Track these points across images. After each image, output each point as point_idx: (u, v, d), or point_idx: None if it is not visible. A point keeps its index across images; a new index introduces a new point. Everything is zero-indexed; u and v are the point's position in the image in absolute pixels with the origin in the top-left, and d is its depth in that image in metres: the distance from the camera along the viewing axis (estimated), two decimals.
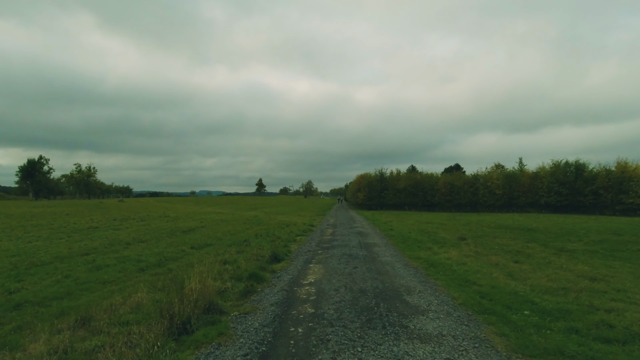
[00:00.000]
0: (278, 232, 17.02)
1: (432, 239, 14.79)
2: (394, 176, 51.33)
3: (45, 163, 78.63)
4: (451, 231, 17.96)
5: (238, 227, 19.97)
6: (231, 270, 8.52)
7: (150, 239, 14.95)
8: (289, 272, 8.33)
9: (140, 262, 9.86)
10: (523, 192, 43.94)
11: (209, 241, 14.08)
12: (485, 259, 10.30)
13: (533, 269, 8.90)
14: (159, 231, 17.61)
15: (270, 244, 12.71)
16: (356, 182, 57.76)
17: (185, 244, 13.20)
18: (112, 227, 19.69)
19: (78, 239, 14.76)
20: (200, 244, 13.40)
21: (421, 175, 50.45)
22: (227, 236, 15.80)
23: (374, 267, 8.86)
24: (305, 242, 13.62)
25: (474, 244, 13.13)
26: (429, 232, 17.16)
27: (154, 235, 16.15)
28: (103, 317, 5.22)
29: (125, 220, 24.15)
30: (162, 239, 14.89)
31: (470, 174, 48.39)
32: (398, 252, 11.32)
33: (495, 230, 18.37)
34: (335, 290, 6.66)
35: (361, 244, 13.12)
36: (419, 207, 49.02)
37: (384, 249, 12.05)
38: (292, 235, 15.38)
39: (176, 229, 18.82)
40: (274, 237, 14.74)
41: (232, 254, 10.93)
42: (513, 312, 5.48)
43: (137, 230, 18.30)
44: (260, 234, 16.25)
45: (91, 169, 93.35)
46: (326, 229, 18.78)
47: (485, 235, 16.00)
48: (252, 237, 15.19)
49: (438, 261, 9.64)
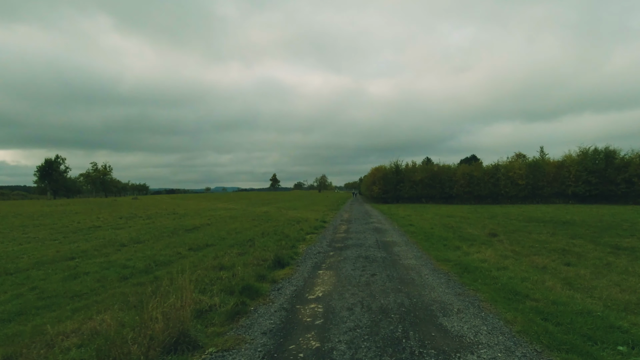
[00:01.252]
0: (287, 229, 15.64)
1: (458, 235, 13.18)
2: (410, 168, 49.38)
3: (62, 162, 79.19)
4: (477, 226, 16.28)
5: (245, 224, 18.69)
6: (225, 278, 7.17)
7: (149, 239, 13.76)
8: (292, 281, 6.88)
9: (125, 269, 8.59)
10: (548, 182, 41.53)
11: (211, 241, 12.81)
12: (528, 260, 8.69)
13: (593, 274, 7.25)
14: (162, 230, 16.45)
15: (276, 244, 11.33)
16: (371, 175, 55.93)
17: (184, 245, 11.95)
18: (115, 226, 18.66)
19: (72, 240, 13.68)
20: (200, 244, 12.12)
21: (438, 167, 48.38)
22: (232, 235, 14.51)
23: (396, 273, 7.36)
24: (316, 242, 12.18)
25: (508, 242, 11.48)
26: (453, 228, 15.52)
27: (154, 234, 14.98)
28: (33, 357, 3.88)
29: (131, 219, 23.17)
30: (162, 239, 13.69)
31: (491, 164, 46.09)
32: (422, 253, 9.78)
33: (527, 224, 16.59)
34: (349, 309, 5.18)
35: (379, 242, 11.61)
36: (436, 200, 47.07)
37: (406, 248, 10.52)
38: (301, 234, 13.97)
39: (180, 227, 17.65)
40: (281, 236, 13.37)
41: (231, 257, 9.60)
42: (600, 347, 3.86)
43: (140, 229, 17.19)
44: (268, 232, 14.91)
45: (107, 168, 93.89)
46: (340, 225, 17.31)
47: (518, 231, 14.28)
48: (258, 235, 13.86)
49: (472, 264, 8.08)
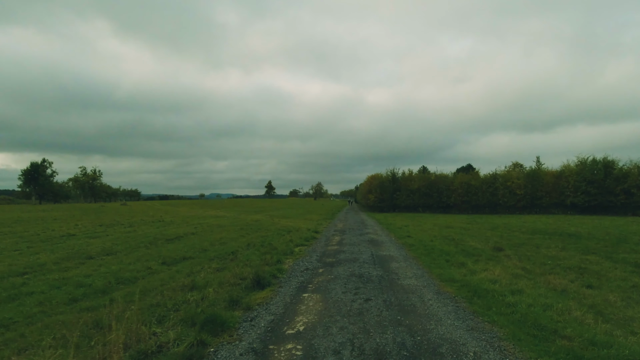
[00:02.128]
0: (276, 240, 14.50)
1: (460, 249, 12.11)
2: (407, 176, 48.41)
3: (48, 166, 77.21)
4: (479, 238, 15.23)
5: (232, 234, 17.51)
6: (193, 302, 6.05)
7: (122, 250, 12.54)
8: (270, 308, 5.72)
9: (79, 288, 7.40)
10: (547, 192, 40.71)
11: (190, 253, 11.63)
12: (543, 280, 7.62)
13: (623, 300, 6.19)
14: (140, 239, 15.23)
15: (260, 258, 10.19)
16: (367, 183, 54.87)
17: (159, 258, 10.76)
18: (91, 235, 17.37)
19: (36, 251, 12.42)
20: (177, 257, 10.95)
21: (435, 175, 47.46)
22: (215, 246, 13.34)
23: (395, 298, 6.25)
24: (305, 255, 11.03)
25: (516, 257, 10.42)
26: (454, 240, 14.44)
27: (130, 245, 13.76)
28: None
29: (112, 227, 21.87)
30: (137, 250, 12.48)
31: (489, 173, 45.24)
32: (423, 270, 8.68)
33: (531, 237, 15.57)
34: (336, 353, 4.05)
35: (374, 257, 10.49)
36: (433, 209, 46.08)
37: (404, 264, 9.41)
38: (290, 246, 12.81)
39: (162, 236, 16.43)
40: (268, 248, 12.23)
41: (207, 274, 8.46)
42: None
43: (117, 238, 15.94)
44: (254, 243, 13.75)
45: (96, 172, 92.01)
46: (333, 237, 16.17)
47: (524, 244, 13.23)
48: (242, 247, 12.71)
49: (481, 286, 6.99)
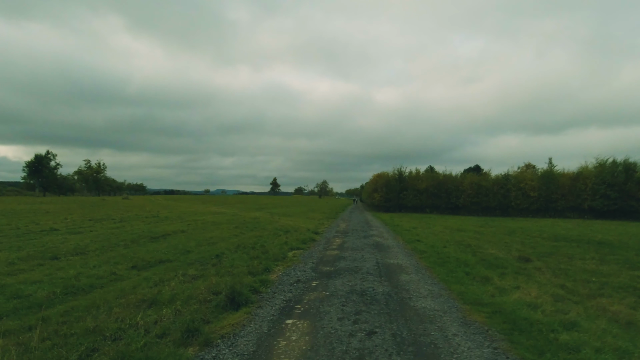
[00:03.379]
0: (270, 242, 13.02)
1: (480, 258, 10.52)
2: (414, 176, 46.65)
3: (52, 158, 76.53)
4: (498, 245, 13.61)
5: (225, 232, 16.05)
6: (142, 326, 4.58)
7: (95, 249, 11.13)
8: (236, 345, 4.16)
9: (12, 300, 5.96)
10: (562, 194, 38.77)
11: (170, 255, 10.18)
12: (595, 305, 6.03)
13: None
14: (123, 237, 13.83)
15: (246, 264, 8.71)
16: (372, 181, 53.15)
17: (131, 260, 9.32)
18: (73, 231, 16.02)
19: (4, 247, 11.07)
20: (152, 260, 9.50)
21: (444, 175, 45.68)
22: (201, 247, 11.89)
23: (408, 330, 4.72)
24: (299, 262, 9.50)
25: (549, 271, 8.82)
26: (470, 246, 12.85)
27: (109, 243, 12.36)
28: None
29: (101, 221, 20.54)
30: (112, 250, 11.05)
31: (500, 174, 43.38)
32: (440, 286, 7.13)
33: (556, 244, 13.91)
34: None
35: (380, 266, 8.94)
36: (441, 210, 44.35)
37: (416, 277, 7.87)
38: (284, 249, 11.30)
39: (148, 234, 15.01)
40: (259, 252, 10.75)
41: (179, 283, 7.01)
42: None
43: (99, 235, 14.57)
44: (245, 244, 12.29)
45: (101, 166, 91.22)
46: (334, 239, 14.64)
47: (552, 254, 11.60)
48: (231, 249, 11.25)
49: (518, 313, 5.43)
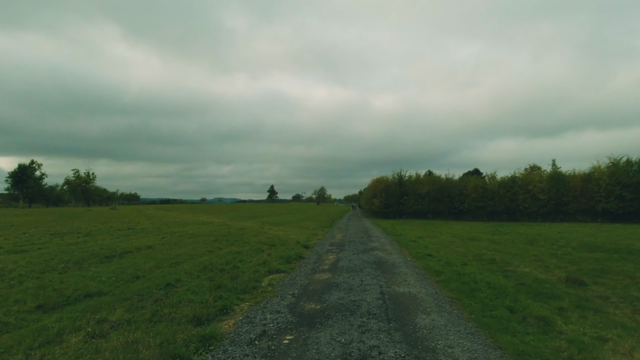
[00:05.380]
0: (247, 261, 10.53)
1: (516, 281, 8.01)
2: (415, 180, 44.25)
3: (37, 168, 73.75)
4: (525, 258, 11.14)
5: (199, 248, 13.52)
6: None
7: (19, 275, 8.58)
8: None
9: None
10: (574, 196, 36.33)
11: (107, 285, 7.66)
12: None
13: None
14: (72, 256, 11.29)
15: (201, 299, 6.20)
16: (371, 187, 50.60)
17: (44, 295, 6.81)
18: (18, 249, 13.48)
19: None
20: (78, 293, 6.98)
21: (447, 179, 43.29)
22: (159, 269, 9.37)
23: None
24: (274, 296, 6.92)
25: (619, 300, 6.34)
26: (495, 262, 10.35)
27: (44, 266, 9.82)
28: None
29: (62, 236, 17.99)
30: (40, 277, 8.51)
31: (507, 176, 40.97)
32: (483, 339, 4.63)
33: (597, 257, 11.45)
34: None
35: (386, 300, 6.41)
36: (444, 215, 41.93)
37: (441, 320, 5.36)
38: (260, 272, 8.75)
39: (105, 251, 12.46)
40: (227, 277, 8.24)
41: (79, 343, 4.52)
42: None
43: (45, 254, 12.04)
44: (215, 265, 9.78)
45: (89, 175, 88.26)
46: (326, 255, 12.10)
47: (604, 271, 9.10)
48: (194, 273, 8.74)
49: None
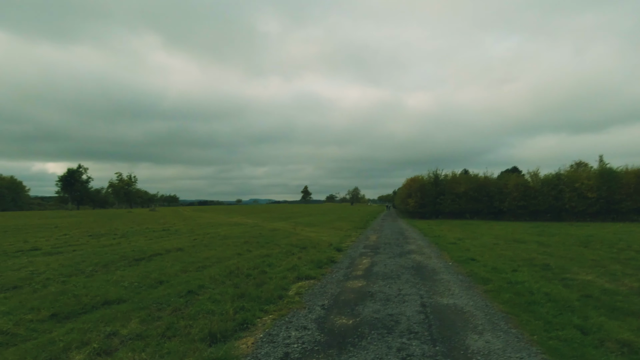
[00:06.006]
0: (276, 264, 10.02)
1: (580, 292, 6.95)
2: (452, 178, 42.54)
3: (83, 172, 77.94)
4: (584, 263, 9.90)
5: (228, 250, 13.17)
6: None
7: (47, 279, 8.47)
8: None
9: None
10: (627, 194, 33.49)
11: (128, 292, 7.34)
12: None
13: None
14: (102, 258, 11.22)
15: (222, 309, 5.68)
16: (406, 186, 49.21)
17: (62, 302, 6.54)
18: (55, 250, 13.70)
19: None
20: (97, 300, 6.67)
21: (485, 177, 41.30)
22: (185, 274, 9.02)
23: None
24: (301, 307, 6.27)
25: None
26: (549, 268, 9.21)
27: (73, 269, 9.73)
28: None
29: (99, 237, 18.29)
30: (66, 281, 8.35)
31: (551, 173, 38.47)
32: None
33: None
34: None
35: (429, 315, 5.60)
36: (483, 215, 39.92)
37: (498, 342, 4.51)
38: (289, 278, 8.17)
39: (136, 254, 12.35)
40: (253, 283, 7.74)
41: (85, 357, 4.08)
42: None
43: (75, 257, 12.07)
44: (242, 269, 9.30)
45: (131, 178, 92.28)
46: (360, 259, 11.38)
47: None
48: (219, 278, 8.29)
49: None
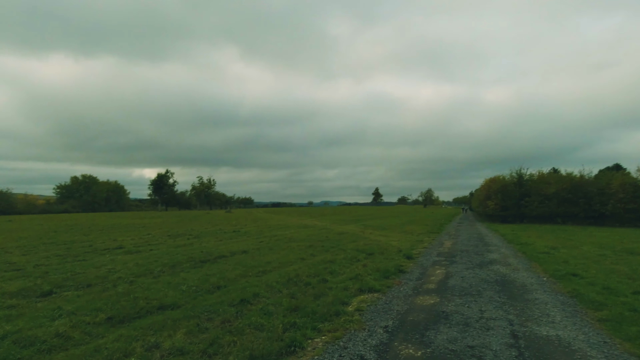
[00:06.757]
0: (338, 273, 9.32)
1: None
2: (539, 178, 38.27)
3: (170, 176, 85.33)
4: None
5: (290, 255, 12.79)
6: None
7: (117, 279, 8.75)
8: None
9: None
10: None
11: (184, 296, 7.15)
12: None
13: None
14: (169, 259, 11.51)
15: (271, 324, 5.11)
16: (485, 187, 45.54)
17: (121, 306, 6.49)
18: (135, 249, 14.57)
19: (30, 274, 9.38)
20: (153, 305, 6.54)
21: (581, 176, 36.42)
22: (244, 278, 8.73)
23: None
24: (359, 328, 5.42)
25: None
26: None
27: (144, 269, 10.01)
28: None
29: (176, 237, 19.26)
30: (134, 281, 8.51)
31: None
32: None
33: None
34: None
35: (521, 346, 4.41)
36: (578, 220, 35.08)
37: None
38: (350, 290, 7.38)
39: (204, 255, 12.54)
40: (312, 293, 7.11)
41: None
42: None
43: (150, 256, 12.61)
44: (302, 277, 8.75)
45: (211, 181, 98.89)
46: (432, 270, 10.17)
47: None
48: (275, 286, 7.81)
49: None
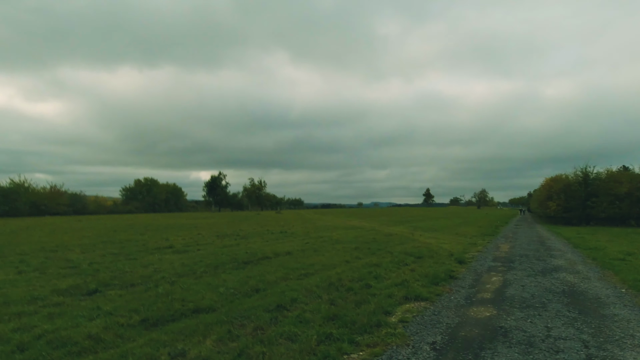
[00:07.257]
0: (383, 277, 8.78)
1: None
2: (607, 177, 34.74)
3: (223, 178, 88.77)
4: None
5: (337, 256, 12.41)
6: None
7: (161, 278, 8.90)
8: None
9: None
10: None
11: (221, 299, 7.00)
12: None
13: None
14: (213, 260, 11.63)
15: (306, 335, 4.75)
16: (545, 187, 42.32)
17: (157, 307, 6.45)
18: (184, 249, 15.00)
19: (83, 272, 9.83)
20: (189, 307, 6.44)
21: None
22: (285, 281, 8.49)
23: None
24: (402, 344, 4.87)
25: None
26: None
27: (188, 269, 10.13)
28: None
29: (223, 238, 19.64)
30: (176, 282, 8.57)
31: None
32: None
33: None
34: None
35: None
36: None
37: None
38: (396, 297, 6.82)
39: (248, 256, 12.54)
40: (353, 300, 6.66)
41: None
42: None
43: (196, 256, 12.83)
44: (344, 281, 8.33)
45: (262, 183, 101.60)
46: (487, 276, 9.26)
47: None
48: (316, 291, 7.45)
49: None
